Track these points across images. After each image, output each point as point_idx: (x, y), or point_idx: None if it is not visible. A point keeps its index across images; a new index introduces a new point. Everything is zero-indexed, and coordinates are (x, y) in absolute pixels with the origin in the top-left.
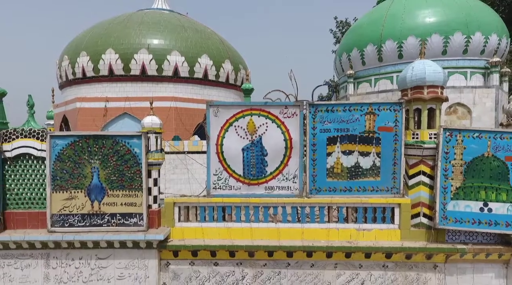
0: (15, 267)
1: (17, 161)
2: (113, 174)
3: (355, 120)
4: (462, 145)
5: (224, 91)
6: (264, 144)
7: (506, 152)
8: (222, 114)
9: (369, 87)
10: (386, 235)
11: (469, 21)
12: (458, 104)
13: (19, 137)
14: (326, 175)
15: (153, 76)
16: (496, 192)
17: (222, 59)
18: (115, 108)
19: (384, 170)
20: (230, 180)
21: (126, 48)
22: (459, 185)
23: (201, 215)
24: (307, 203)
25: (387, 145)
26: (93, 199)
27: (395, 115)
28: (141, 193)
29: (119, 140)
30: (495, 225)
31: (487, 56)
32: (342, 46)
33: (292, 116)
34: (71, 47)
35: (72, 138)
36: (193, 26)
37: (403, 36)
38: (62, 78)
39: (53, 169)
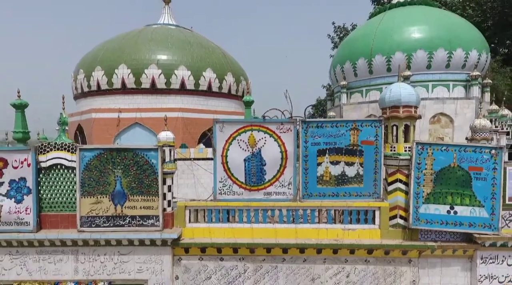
0: (49, 261)
1: (51, 170)
2: (134, 182)
3: (341, 135)
4: (432, 157)
5: (226, 102)
6: (263, 156)
7: (469, 163)
8: (227, 130)
9: (360, 97)
10: (368, 234)
11: (451, 38)
12: (441, 114)
13: (52, 149)
14: (316, 182)
15: (162, 89)
16: (461, 197)
17: (225, 72)
18: (127, 118)
19: (367, 178)
20: (234, 187)
21: (138, 63)
22: (430, 191)
23: (208, 217)
24: (300, 206)
25: (369, 156)
26: (116, 203)
27: (375, 130)
28: (157, 198)
29: (139, 152)
30: (460, 225)
31: (468, 70)
32: (336, 58)
33: (287, 131)
34: (86, 62)
35: (98, 151)
36: (197, 41)
37: (391, 51)
38: (77, 90)
39: (82, 178)
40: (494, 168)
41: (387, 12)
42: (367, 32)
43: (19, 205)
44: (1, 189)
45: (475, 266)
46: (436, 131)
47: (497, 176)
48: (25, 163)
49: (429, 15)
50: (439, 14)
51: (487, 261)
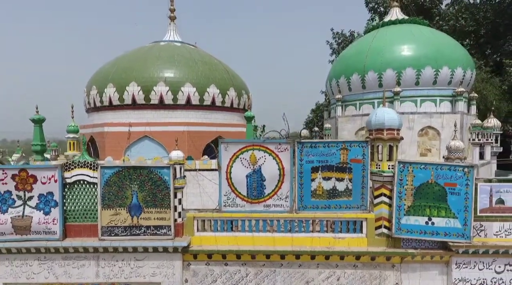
0: (73, 266)
1: (74, 185)
2: (148, 196)
3: (332, 154)
4: (412, 174)
5: (229, 115)
6: (263, 172)
7: (445, 180)
8: (231, 149)
9: (354, 110)
10: (356, 242)
11: (438, 56)
12: (429, 127)
13: (76, 167)
14: (310, 195)
15: (169, 105)
16: (437, 210)
17: (227, 87)
18: (137, 132)
19: (355, 192)
20: (237, 200)
21: (147, 81)
22: (410, 204)
23: (214, 227)
24: (296, 217)
25: (357, 173)
26: (133, 215)
27: (362, 150)
28: (169, 210)
29: (153, 170)
30: (437, 234)
31: (454, 86)
32: (332, 72)
33: (285, 151)
34: (99, 79)
35: (117, 168)
36: (202, 58)
37: (383, 68)
38: (90, 104)
39: (103, 192)
40: (466, 184)
41: (379, 30)
42: (360, 49)
43: (47, 217)
44: (31, 202)
45: (451, 271)
46: (424, 143)
47: (469, 191)
48: (52, 179)
49: (418, 34)
50: (427, 33)
51: (461, 266)
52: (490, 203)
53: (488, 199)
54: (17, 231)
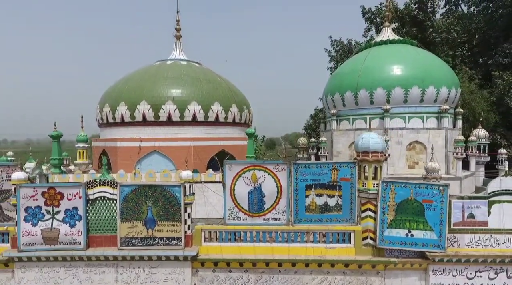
0: (95, 273)
1: (96, 201)
2: (162, 211)
3: (324, 173)
4: (394, 191)
5: (231, 129)
6: (262, 189)
7: (422, 197)
8: (234, 169)
9: (348, 124)
10: (345, 251)
11: (425, 76)
12: (416, 142)
13: (98, 185)
14: (305, 210)
15: (176, 122)
16: (416, 223)
17: (230, 103)
18: (147, 146)
19: (344, 207)
20: (240, 214)
21: (156, 100)
22: (392, 218)
23: (219, 237)
24: (292, 229)
25: (346, 190)
26: (148, 227)
27: (351, 170)
28: (180, 223)
29: (166, 188)
30: (416, 245)
31: (440, 104)
32: (328, 87)
33: (282, 170)
34: (111, 97)
35: (134, 186)
36: (206, 77)
37: (374, 87)
38: (102, 120)
39: (121, 207)
40: (441, 201)
41: (371, 49)
42: (354, 68)
43: (72, 229)
44: (59, 216)
45: (428, 277)
46: (412, 156)
47: (444, 207)
48: (77, 196)
49: (407, 55)
50: (415, 54)
51: (437, 273)
52: (462, 217)
53: (461, 214)
54: (46, 241)
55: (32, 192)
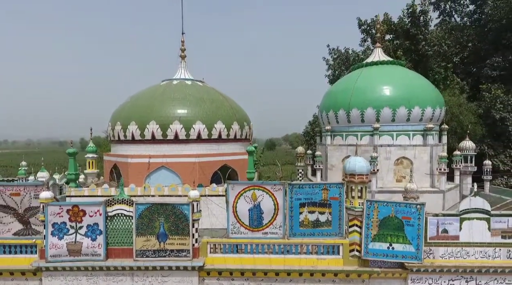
0: (113, 281)
1: (115, 217)
2: (172, 226)
3: (316, 193)
4: (377, 209)
5: (233, 145)
6: (261, 207)
7: (402, 214)
8: (236, 188)
9: (341, 140)
10: (334, 262)
11: (411, 97)
12: (403, 157)
13: (116, 203)
14: (299, 225)
15: (183, 140)
16: (396, 238)
17: (231, 121)
18: (155, 162)
19: (334, 222)
20: (241, 228)
21: (164, 120)
22: (376, 233)
23: (223, 249)
24: (287, 242)
25: (335, 208)
26: (160, 241)
27: (339, 190)
28: (188, 237)
29: (176, 206)
30: (396, 257)
31: (425, 122)
32: (322, 105)
33: (279, 190)
34: (122, 116)
35: (148, 205)
36: (209, 96)
37: (364, 106)
38: (114, 137)
39: (137, 223)
40: (418, 218)
41: (363, 70)
42: (347, 87)
43: (93, 242)
44: (81, 231)
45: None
46: (399, 171)
47: (421, 223)
48: (98, 213)
49: (395, 76)
50: (402, 75)
51: (415, 281)
52: (437, 232)
53: (435, 229)
54: (71, 253)
55: (58, 209)
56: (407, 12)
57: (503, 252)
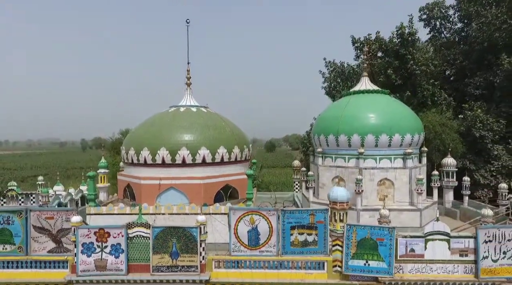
0: None
1: (134, 238)
2: (183, 246)
3: (304, 217)
4: (356, 232)
5: (234, 166)
6: (258, 229)
7: (376, 236)
8: (237, 213)
9: (331, 161)
10: (320, 276)
11: (392, 125)
12: (385, 179)
13: (136, 227)
14: (290, 245)
15: (189, 163)
16: (372, 256)
17: (232, 145)
18: (165, 184)
19: (319, 242)
20: (241, 247)
21: (173, 146)
22: (354, 251)
23: (226, 265)
24: (280, 259)
25: (321, 230)
26: (173, 258)
27: (324, 215)
28: (196, 255)
29: (186, 229)
30: (371, 272)
31: (404, 147)
32: (315, 129)
33: (273, 215)
34: (136, 141)
35: (163, 228)
36: (213, 123)
37: (351, 133)
38: (128, 160)
39: (153, 243)
40: (390, 239)
41: (351, 98)
42: (336, 114)
43: (117, 259)
44: (106, 250)
45: None
46: (382, 191)
47: (392, 244)
48: (120, 235)
49: (379, 105)
50: (385, 104)
51: None
52: (405, 251)
53: (404, 248)
54: (97, 269)
55: (87, 232)
56: (396, 33)
57: (461, 268)
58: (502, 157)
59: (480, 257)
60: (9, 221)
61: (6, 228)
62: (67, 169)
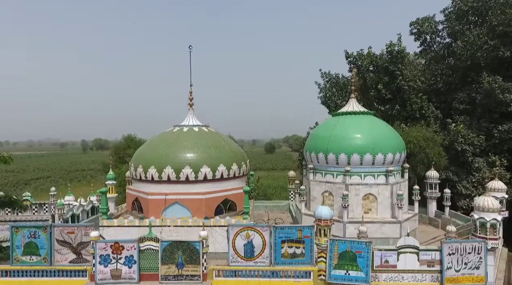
0: None
1: (145, 251)
2: (188, 258)
3: (293, 233)
4: (337, 246)
5: (232, 182)
6: (253, 243)
7: (355, 249)
8: (234, 229)
9: (321, 177)
10: (307, 284)
11: (375, 146)
12: (369, 194)
13: (146, 240)
14: (281, 256)
15: (192, 180)
16: (351, 266)
17: (231, 163)
18: (170, 199)
19: (307, 254)
20: (238, 259)
21: (177, 164)
22: (336, 263)
23: (225, 274)
24: (272, 269)
25: (308, 243)
26: (179, 269)
27: (310, 231)
28: (199, 266)
29: (191, 243)
30: (351, 280)
31: (387, 165)
32: (307, 146)
33: (266, 231)
34: (143, 160)
35: (169, 242)
36: (213, 143)
37: (339, 152)
38: (136, 176)
39: (161, 255)
40: (367, 252)
41: (339, 118)
42: (325, 134)
43: (130, 269)
44: (121, 261)
45: None
46: (366, 205)
47: (369, 256)
48: (133, 248)
49: (364, 126)
50: (370, 125)
51: None
52: (381, 262)
53: (380, 260)
54: (113, 277)
55: (104, 245)
56: (386, 51)
57: (428, 277)
58: (482, 169)
59: (445, 268)
60: (36, 235)
61: (33, 241)
62: (69, 172)
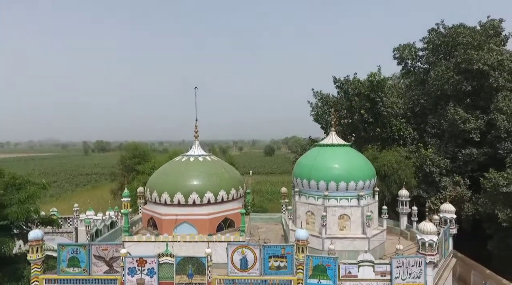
0: None
1: (163, 264)
2: (196, 269)
3: (278, 250)
4: (312, 260)
5: (231, 203)
6: (247, 258)
7: (326, 262)
8: (232, 247)
9: (305, 199)
10: None
11: (348, 175)
12: (344, 214)
13: (164, 256)
14: (268, 268)
15: (198, 204)
16: (323, 276)
17: (230, 188)
18: (180, 219)
19: (289, 267)
20: (235, 270)
21: (186, 190)
22: (311, 273)
23: (225, 283)
24: (262, 278)
25: (289, 259)
26: (189, 278)
27: (291, 248)
28: (205, 276)
29: (198, 258)
30: None
31: (358, 190)
32: (294, 171)
33: (257, 248)
34: (157, 186)
35: (182, 257)
36: (215, 171)
37: (319, 179)
38: (151, 200)
39: (176, 268)
40: (335, 265)
41: (321, 150)
42: (308, 164)
43: (151, 279)
44: (144, 272)
45: None
46: (341, 223)
47: (336, 268)
48: (153, 262)
49: (340, 157)
50: (346, 156)
51: None
52: (345, 273)
53: (344, 271)
54: None
55: (131, 259)
56: (368, 80)
57: (381, 284)
58: (448, 187)
59: (393, 277)
60: (77, 252)
61: (75, 256)
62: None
